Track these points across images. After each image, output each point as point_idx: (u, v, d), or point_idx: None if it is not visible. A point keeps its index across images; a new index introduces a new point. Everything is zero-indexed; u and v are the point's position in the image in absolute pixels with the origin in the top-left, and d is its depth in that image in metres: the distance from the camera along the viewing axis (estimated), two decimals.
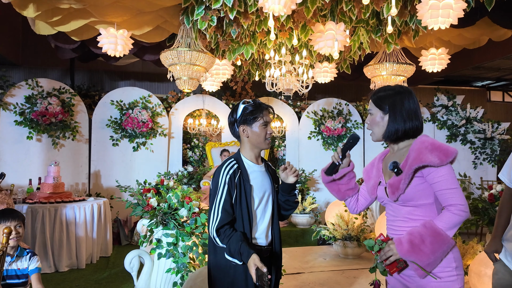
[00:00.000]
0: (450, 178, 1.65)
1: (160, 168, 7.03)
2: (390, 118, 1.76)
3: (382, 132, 1.80)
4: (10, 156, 6.24)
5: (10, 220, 2.60)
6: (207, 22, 4.14)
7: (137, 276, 3.51)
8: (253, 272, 1.79)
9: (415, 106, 1.77)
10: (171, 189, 4.25)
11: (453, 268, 1.66)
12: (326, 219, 6.07)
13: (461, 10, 3.25)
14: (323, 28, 4.11)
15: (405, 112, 1.75)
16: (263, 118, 2.08)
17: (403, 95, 1.77)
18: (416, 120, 1.76)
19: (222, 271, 2.01)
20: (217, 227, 1.95)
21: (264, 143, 2.11)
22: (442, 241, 1.62)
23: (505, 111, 10.98)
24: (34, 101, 6.31)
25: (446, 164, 1.64)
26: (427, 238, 1.62)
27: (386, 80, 5.36)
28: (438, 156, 1.62)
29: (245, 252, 1.86)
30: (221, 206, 1.98)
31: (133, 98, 7.03)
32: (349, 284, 4.41)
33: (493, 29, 5.03)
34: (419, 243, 1.63)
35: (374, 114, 1.82)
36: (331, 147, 7.82)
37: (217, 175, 2.05)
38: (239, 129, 2.11)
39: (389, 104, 1.77)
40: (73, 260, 4.91)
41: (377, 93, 1.83)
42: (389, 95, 1.79)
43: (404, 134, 1.76)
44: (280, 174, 2.13)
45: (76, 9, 4.22)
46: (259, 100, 2.15)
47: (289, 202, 2.16)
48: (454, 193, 1.64)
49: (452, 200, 1.64)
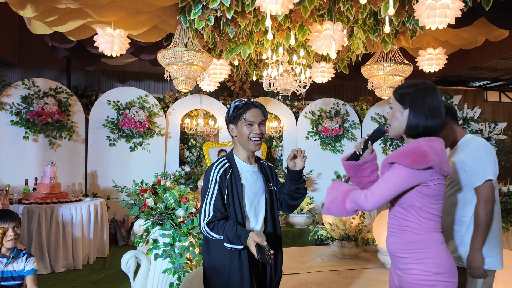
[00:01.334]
0: (396, 176, 1.65)
1: (157, 168, 7.00)
2: (410, 113, 1.74)
3: (402, 127, 1.78)
4: (6, 156, 6.20)
5: (7, 221, 2.57)
6: (204, 21, 4.13)
7: (134, 277, 3.49)
8: (254, 248, 1.80)
9: (439, 103, 1.74)
10: (168, 189, 4.24)
11: (433, 273, 1.65)
12: (324, 219, 6.06)
13: (458, 10, 3.25)
14: (320, 28, 4.10)
15: (427, 108, 1.72)
16: (247, 116, 2.04)
17: (426, 91, 1.75)
18: (438, 118, 1.73)
19: (217, 271, 2.00)
20: (208, 222, 1.95)
21: (249, 143, 2.06)
22: (338, 201, 1.76)
23: (502, 111, 11.02)
24: (30, 101, 6.28)
25: (414, 168, 1.62)
26: (338, 192, 1.78)
27: (383, 80, 5.36)
28: (411, 158, 1.63)
29: (242, 233, 1.86)
30: (212, 204, 1.97)
31: (130, 98, 7.00)
32: (347, 284, 4.40)
33: (490, 29, 5.04)
34: (334, 191, 1.80)
35: (394, 109, 1.81)
36: (329, 147, 7.82)
37: (208, 174, 2.04)
38: (229, 128, 2.13)
39: (410, 99, 1.75)
40: (69, 260, 4.88)
41: (400, 89, 1.83)
42: (411, 90, 1.77)
43: (425, 130, 1.73)
44: (288, 163, 2.10)
45: (73, 9, 4.20)
46: (253, 99, 2.12)
47: (299, 190, 2.14)
48: (380, 184, 1.68)
49: (372, 186, 1.70)
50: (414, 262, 1.68)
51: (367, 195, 1.67)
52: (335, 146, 7.80)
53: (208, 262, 2.05)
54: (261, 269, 2.08)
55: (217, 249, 1.99)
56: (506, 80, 10.00)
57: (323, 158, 7.80)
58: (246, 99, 2.11)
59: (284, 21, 4.35)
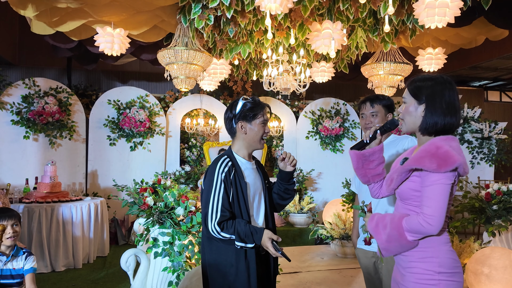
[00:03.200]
0: (438, 188, 1.56)
1: (158, 168, 7.01)
2: (428, 110, 1.64)
3: (417, 123, 1.69)
4: (6, 156, 6.21)
5: (6, 219, 2.57)
6: (204, 21, 4.14)
7: (133, 275, 3.50)
8: (270, 245, 1.83)
9: (455, 99, 1.65)
10: (168, 188, 4.25)
11: (435, 273, 1.62)
12: (324, 218, 6.07)
13: (457, 8, 3.25)
14: (320, 27, 4.11)
15: (445, 105, 1.62)
16: (263, 116, 2.05)
17: (444, 85, 1.65)
18: (455, 115, 1.64)
19: (221, 271, 1.97)
20: (218, 222, 1.91)
21: (260, 142, 2.08)
22: (397, 237, 1.63)
23: (502, 111, 11.01)
24: (31, 101, 6.29)
25: (442, 172, 1.54)
26: (389, 228, 1.65)
27: (383, 80, 5.36)
28: (437, 162, 1.54)
29: (255, 231, 1.87)
30: (220, 204, 1.92)
31: (130, 97, 7.01)
32: (347, 283, 4.40)
33: (490, 28, 5.04)
34: (382, 227, 1.67)
35: (408, 103, 1.70)
36: (329, 147, 7.82)
37: (211, 173, 1.99)
38: (237, 125, 2.06)
39: (427, 94, 1.64)
40: (69, 259, 4.89)
41: (414, 82, 1.71)
42: (428, 85, 1.66)
43: (443, 128, 1.64)
44: (279, 163, 2.12)
45: (73, 9, 4.22)
46: (258, 97, 2.12)
47: (288, 190, 2.15)
48: (430, 203, 1.56)
49: (425, 209, 1.58)
50: (417, 260, 1.65)
51: (426, 221, 1.55)
52: (335, 145, 7.80)
53: (211, 261, 2.01)
54: (265, 267, 2.07)
55: (223, 248, 1.96)
56: (506, 80, 9.99)
57: (323, 157, 7.80)
58: (251, 97, 2.08)
59: (284, 21, 4.36)
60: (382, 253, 1.70)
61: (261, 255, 2.01)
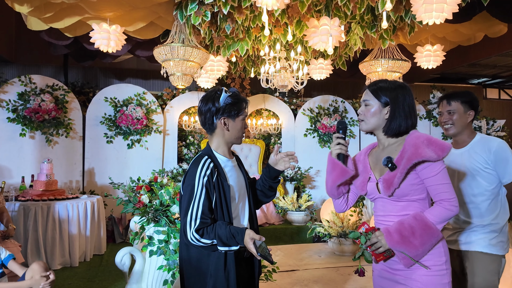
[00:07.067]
0: (444, 173, 1.67)
1: (155, 166, 6.98)
2: (392, 113, 1.74)
3: (381, 125, 1.78)
4: (2, 153, 6.18)
5: None
6: (200, 17, 4.10)
7: (129, 274, 3.48)
8: (252, 246, 1.71)
9: (413, 103, 1.79)
10: (165, 186, 4.21)
11: (443, 262, 1.68)
12: (322, 216, 6.05)
13: (455, 4, 3.21)
14: (317, 24, 4.07)
15: (407, 108, 1.74)
16: (246, 111, 1.98)
17: (405, 90, 1.77)
18: (415, 117, 1.78)
19: (200, 281, 1.86)
20: (196, 229, 1.77)
21: (240, 138, 2.00)
22: (431, 234, 1.65)
23: (501, 108, 10.99)
24: (27, 98, 6.25)
25: (441, 159, 1.65)
26: (417, 230, 1.64)
27: (381, 77, 5.33)
28: (435, 150, 1.62)
29: (237, 232, 1.75)
30: (200, 210, 1.79)
31: (127, 95, 6.97)
32: (344, 281, 4.39)
33: (489, 25, 5.00)
34: (409, 235, 1.64)
35: (371, 105, 1.78)
36: (327, 145, 7.79)
37: (192, 177, 1.83)
38: (218, 121, 1.92)
39: (391, 97, 1.75)
40: (66, 258, 4.86)
41: (377, 84, 1.80)
42: (390, 88, 1.77)
43: (406, 130, 1.76)
44: (272, 157, 2.00)
45: (68, 5, 4.17)
46: (236, 89, 2.00)
47: (272, 188, 2.07)
48: (446, 188, 1.66)
49: (444, 195, 1.66)
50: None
51: (452, 204, 1.65)
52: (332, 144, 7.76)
53: (189, 269, 1.90)
54: (250, 268, 1.98)
55: (201, 255, 1.85)
56: (505, 77, 9.96)
57: (321, 155, 7.77)
58: (231, 89, 1.96)
59: (281, 17, 4.32)
60: (414, 259, 1.67)
61: (242, 258, 1.91)
